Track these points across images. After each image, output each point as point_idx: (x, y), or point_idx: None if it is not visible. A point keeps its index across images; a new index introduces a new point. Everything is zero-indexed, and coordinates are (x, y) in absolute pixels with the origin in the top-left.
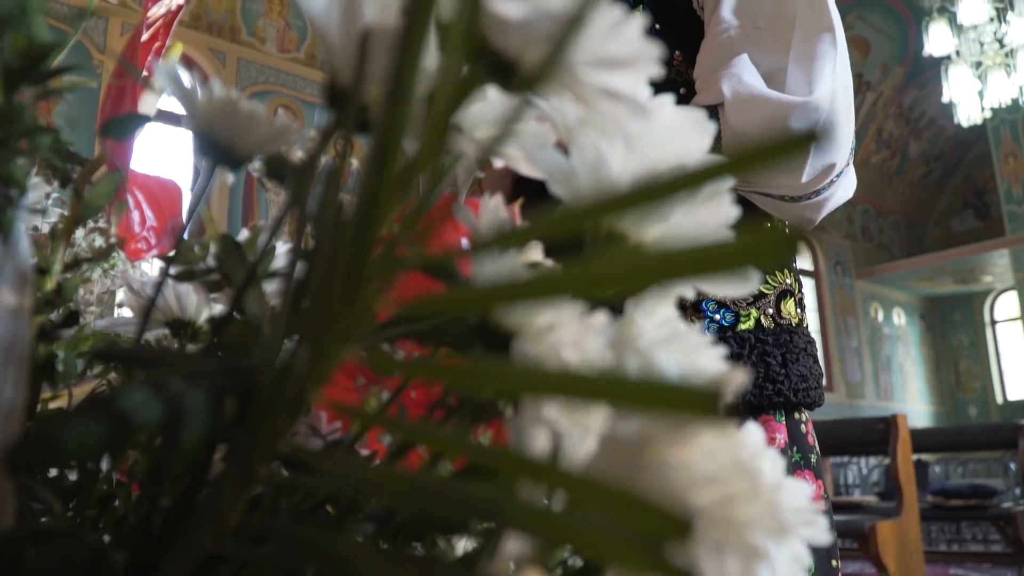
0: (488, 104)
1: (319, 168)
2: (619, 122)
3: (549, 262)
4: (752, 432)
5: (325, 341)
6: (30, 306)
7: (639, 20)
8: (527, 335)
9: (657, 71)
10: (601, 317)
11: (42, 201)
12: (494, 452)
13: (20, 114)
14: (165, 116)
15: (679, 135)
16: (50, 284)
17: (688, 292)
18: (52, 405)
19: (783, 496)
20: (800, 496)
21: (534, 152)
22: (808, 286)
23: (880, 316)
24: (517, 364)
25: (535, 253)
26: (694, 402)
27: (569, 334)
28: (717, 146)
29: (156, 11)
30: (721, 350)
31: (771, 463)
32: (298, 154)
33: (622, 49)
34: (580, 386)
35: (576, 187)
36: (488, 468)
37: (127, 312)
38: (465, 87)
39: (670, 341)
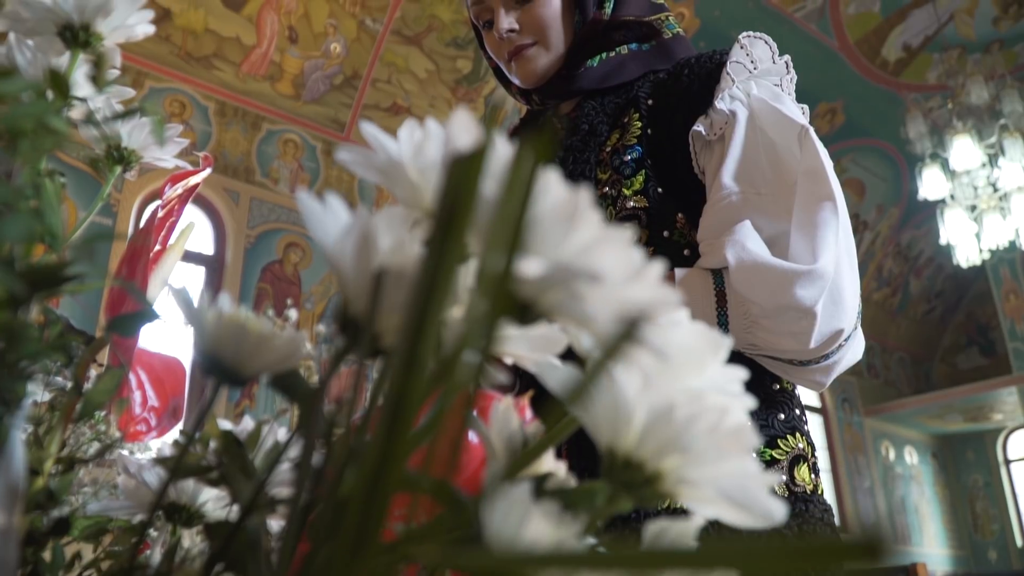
0: None
1: (328, 393)
2: (636, 360)
3: (561, 467)
4: None
5: None
6: (18, 523)
7: (658, 266)
8: None
9: (679, 314)
10: None
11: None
12: None
13: (25, 335)
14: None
15: (695, 354)
16: (41, 482)
17: None
18: None
19: None
20: None
21: (546, 368)
22: (816, 423)
23: (892, 455)
24: None
25: (547, 462)
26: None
27: None
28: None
29: (172, 193)
30: None
31: None
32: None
33: (641, 295)
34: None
35: (591, 408)
36: None
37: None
38: (487, 328)
39: None
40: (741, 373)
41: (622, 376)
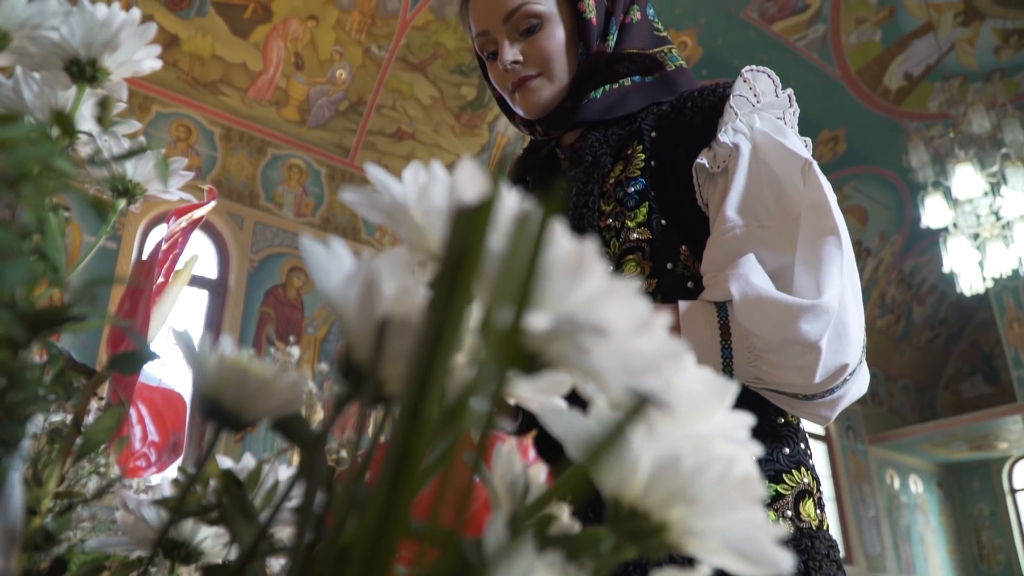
0: None
1: (328, 439)
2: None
3: (564, 512)
4: None
5: None
6: (15, 566)
7: (665, 317)
8: None
9: (689, 366)
10: None
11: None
12: None
13: (25, 378)
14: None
15: (701, 401)
16: (38, 522)
17: None
18: None
19: None
20: None
21: (550, 414)
22: (820, 452)
23: (896, 484)
24: None
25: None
26: None
27: None
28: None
29: (176, 226)
30: None
31: None
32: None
33: (648, 347)
34: None
35: (592, 447)
36: None
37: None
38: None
39: None
40: (748, 419)
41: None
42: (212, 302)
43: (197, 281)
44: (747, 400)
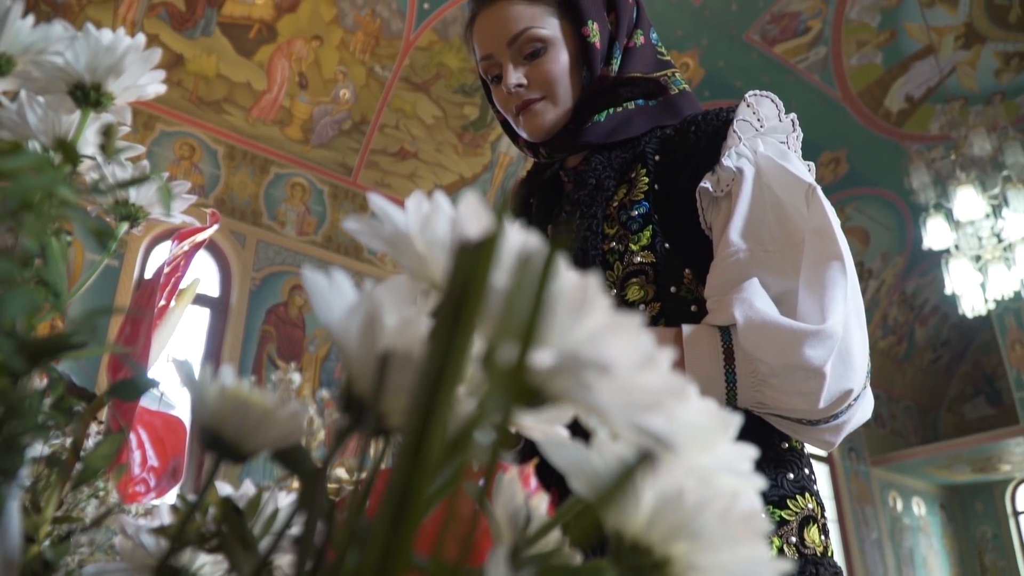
0: None
1: (330, 473)
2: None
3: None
4: None
5: None
6: None
7: (669, 353)
8: None
9: (693, 398)
10: None
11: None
12: None
13: (25, 409)
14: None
15: (704, 433)
16: (36, 549)
17: None
18: None
19: None
20: None
21: (553, 448)
22: (823, 473)
23: (899, 506)
24: None
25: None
26: None
27: None
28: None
29: (178, 250)
30: None
31: None
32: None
33: (651, 383)
34: None
35: (599, 489)
36: None
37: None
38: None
39: None
40: (751, 451)
41: (630, 459)
42: (214, 320)
43: (199, 299)
44: (751, 425)
